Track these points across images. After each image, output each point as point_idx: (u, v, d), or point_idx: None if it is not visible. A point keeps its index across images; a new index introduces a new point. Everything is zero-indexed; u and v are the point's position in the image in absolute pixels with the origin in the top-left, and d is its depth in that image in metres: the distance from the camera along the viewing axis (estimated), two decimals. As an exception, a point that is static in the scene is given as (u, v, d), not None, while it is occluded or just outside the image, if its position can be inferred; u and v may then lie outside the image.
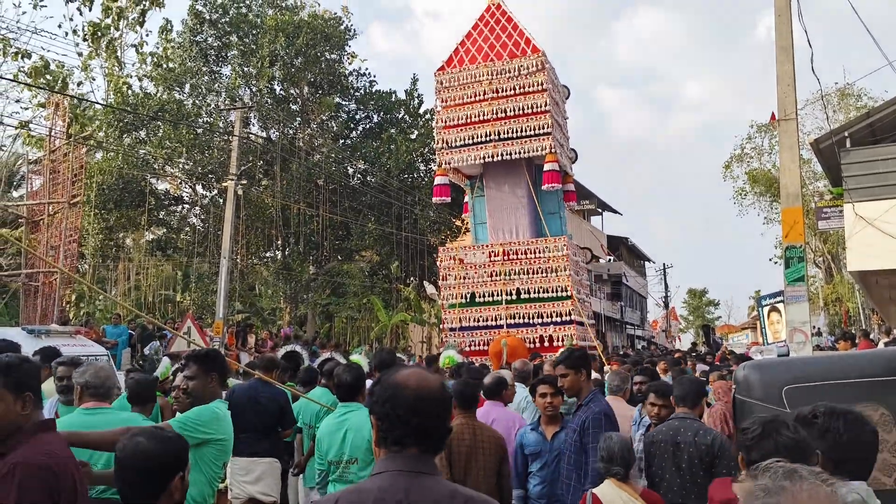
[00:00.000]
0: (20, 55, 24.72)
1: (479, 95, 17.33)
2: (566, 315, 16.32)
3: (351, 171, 27.62)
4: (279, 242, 26.27)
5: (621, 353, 20.73)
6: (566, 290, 16.48)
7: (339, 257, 27.53)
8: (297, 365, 8.32)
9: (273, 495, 6.15)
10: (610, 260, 40.75)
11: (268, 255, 28.32)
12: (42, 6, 25.58)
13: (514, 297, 16.80)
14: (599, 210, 40.73)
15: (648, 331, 48.58)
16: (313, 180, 24.99)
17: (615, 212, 42.08)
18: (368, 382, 4.88)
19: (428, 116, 27.69)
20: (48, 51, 39.06)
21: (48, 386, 5.07)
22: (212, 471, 3.46)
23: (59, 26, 52.63)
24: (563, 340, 16.12)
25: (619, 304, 40.09)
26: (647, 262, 52.87)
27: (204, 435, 3.41)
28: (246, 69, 24.59)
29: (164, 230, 27.33)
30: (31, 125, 24.75)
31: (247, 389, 6.40)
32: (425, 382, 1.88)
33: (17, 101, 28.31)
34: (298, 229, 24.32)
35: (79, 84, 27.27)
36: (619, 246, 42.81)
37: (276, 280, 27.32)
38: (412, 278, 27.80)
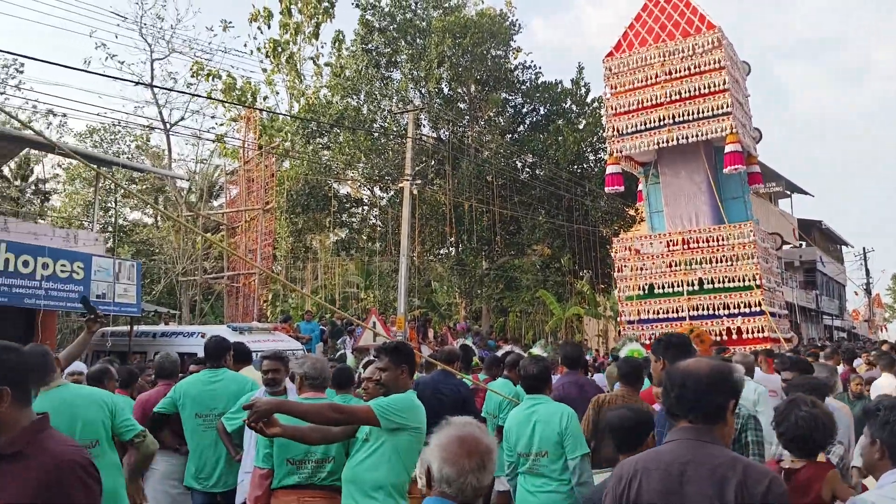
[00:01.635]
0: (212, 76, 27.12)
1: (651, 79, 16.69)
2: (755, 305, 15.34)
3: (520, 165, 27.67)
4: (452, 239, 26.85)
5: (818, 344, 19.15)
6: (754, 279, 15.49)
7: (511, 252, 27.67)
8: (468, 358, 8.48)
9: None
10: (802, 246, 37.84)
11: (442, 251, 29.04)
12: (230, 27, 27.76)
13: (696, 287, 16.03)
14: (788, 192, 37.92)
15: (848, 321, 44.59)
16: (483, 177, 25.29)
17: (805, 193, 38.96)
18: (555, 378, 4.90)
19: (596, 105, 27.15)
20: (236, 68, 42.38)
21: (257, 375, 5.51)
22: (409, 458, 3.58)
23: (245, 45, 57.09)
24: (752, 332, 15.17)
25: (814, 293, 37.14)
26: (844, 247, 48.55)
27: (401, 421, 3.54)
28: (415, 72, 25.35)
29: (347, 231, 28.83)
30: (225, 139, 27.09)
31: (430, 381, 6.57)
32: (694, 364, 2.31)
33: (213, 118, 31.05)
34: (471, 225, 24.73)
35: (265, 98, 29.43)
36: (811, 230, 39.61)
37: (450, 276, 27.96)
38: (585, 271, 27.38)
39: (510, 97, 27.82)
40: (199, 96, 26.46)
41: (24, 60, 28.44)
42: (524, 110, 28.36)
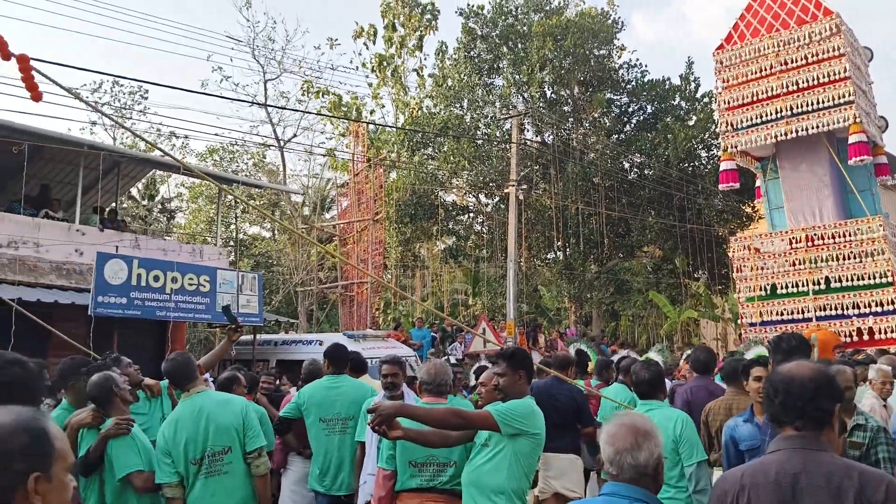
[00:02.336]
0: (321, 93, 28.10)
1: (766, 70, 15.96)
2: (888, 304, 14.35)
3: (627, 165, 27.10)
4: (559, 243, 26.60)
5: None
6: (887, 276, 14.50)
7: (621, 254, 27.11)
8: (584, 362, 8.39)
9: (577, 491, 6.22)
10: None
11: (549, 256, 28.82)
12: (337, 44, 28.68)
13: (822, 286, 15.16)
14: (920, 183, 35.30)
15: None
16: (590, 179, 24.93)
17: (941, 183, 36.14)
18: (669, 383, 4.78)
19: (706, 100, 26.26)
20: (343, 84, 43.67)
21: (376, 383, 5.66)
22: (528, 464, 3.59)
23: (351, 61, 58.85)
24: (885, 332, 14.20)
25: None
26: None
27: (521, 426, 3.56)
28: (517, 77, 25.33)
29: (454, 239, 29.11)
30: (335, 153, 27.97)
31: (543, 387, 6.55)
32: (796, 368, 2.19)
33: (322, 133, 32.15)
34: (578, 229, 24.43)
35: (371, 112, 30.18)
36: (948, 222, 36.67)
37: (558, 280, 27.70)
38: (700, 272, 26.47)
39: (615, 97, 27.32)
40: (310, 113, 27.51)
41: (149, 87, 30.45)
42: (630, 109, 27.78)
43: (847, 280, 14.91)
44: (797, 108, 15.43)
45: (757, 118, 16.00)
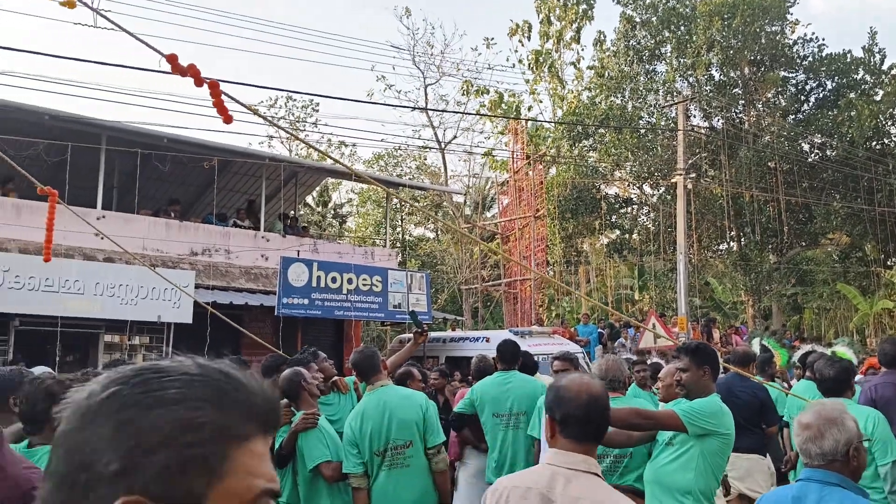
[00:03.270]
0: (480, 92, 28.43)
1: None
2: None
3: (806, 147, 25.21)
4: (732, 233, 25.22)
5: None
6: None
7: (803, 243, 25.25)
8: (768, 359, 7.95)
9: (763, 493, 5.89)
10: None
11: (721, 247, 27.44)
12: (493, 44, 28.89)
13: None
14: None
15: None
16: (764, 163, 23.42)
17: None
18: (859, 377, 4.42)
19: (895, 72, 23.90)
20: (500, 83, 43.95)
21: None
22: (716, 463, 3.45)
23: (507, 59, 59.08)
24: None
25: None
26: None
27: (709, 426, 3.43)
28: (681, 61, 24.31)
29: (618, 232, 28.43)
30: (494, 152, 28.21)
31: (723, 384, 6.24)
32: None
33: (481, 133, 32.54)
34: (753, 217, 23.03)
35: (529, 108, 30.13)
36: None
37: (732, 272, 26.28)
38: (894, 259, 24.11)
39: (790, 75, 25.50)
40: (469, 114, 27.96)
41: (320, 100, 32.24)
42: (808, 87, 25.81)
43: None
44: None
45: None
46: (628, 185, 27.48)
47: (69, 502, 0.75)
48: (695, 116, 25.57)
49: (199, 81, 4.29)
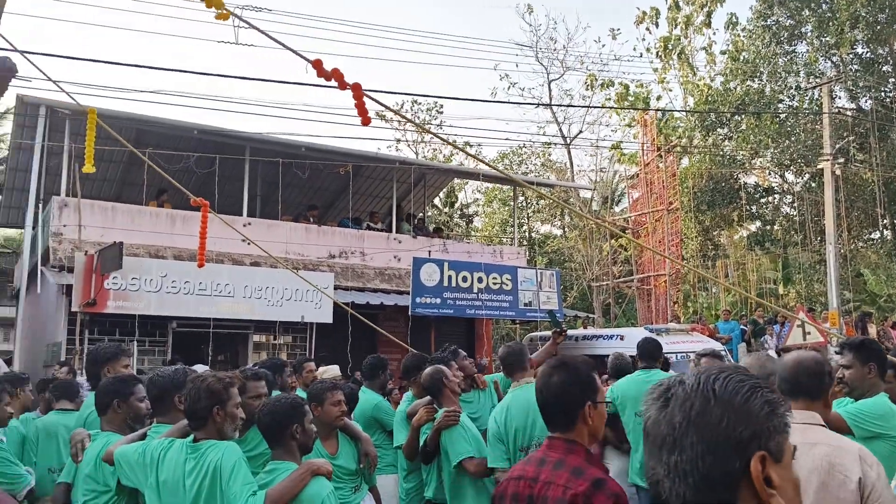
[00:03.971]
0: (605, 85, 27.83)
1: None
2: None
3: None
4: (885, 221, 23.35)
5: None
6: None
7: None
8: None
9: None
10: None
11: (873, 235, 25.49)
12: (618, 33, 28.17)
13: None
14: None
15: None
16: (921, 143, 21.55)
17: None
18: None
19: None
20: (627, 74, 42.85)
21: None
22: (886, 468, 3.19)
23: (634, 49, 57.54)
24: None
25: None
26: None
27: (878, 429, 3.19)
28: (823, 40, 22.76)
29: (759, 223, 27.02)
30: (622, 144, 27.54)
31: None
32: None
33: (607, 126, 31.88)
34: (909, 203, 21.23)
35: (658, 98, 29.19)
36: None
37: (887, 262, 24.33)
38: None
39: (950, 46, 23.30)
40: (594, 107, 27.45)
41: (444, 101, 32.68)
42: (967, 59, 23.51)
43: None
44: None
45: None
46: (769, 174, 26.03)
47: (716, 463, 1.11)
48: (840, 98, 23.88)
49: (342, 85, 4.45)
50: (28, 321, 13.33)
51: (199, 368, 4.72)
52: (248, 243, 11.79)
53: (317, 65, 4.29)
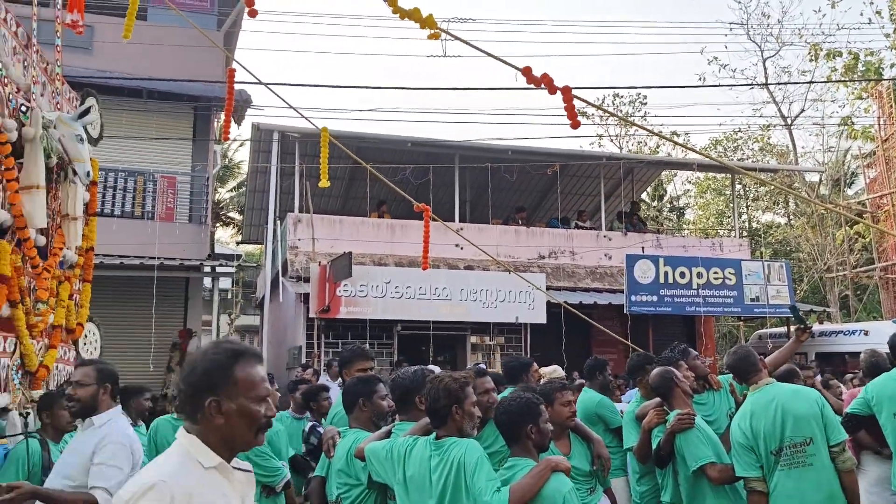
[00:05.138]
0: (831, 56, 25.33)
1: None
2: None
3: None
4: None
5: None
6: None
7: None
8: None
9: None
10: None
11: None
12: (838, 2, 25.54)
13: None
14: None
15: None
16: None
17: None
18: None
19: None
20: (852, 43, 38.81)
21: None
22: None
23: (861, 14, 52.00)
24: None
25: None
26: None
27: None
28: None
29: None
30: (852, 120, 24.92)
31: None
32: None
33: (833, 102, 28.93)
34: None
35: (891, 66, 26.11)
36: None
37: None
38: None
39: None
40: (818, 82, 25.13)
41: (647, 92, 31.61)
42: None
43: None
44: None
45: None
46: None
47: None
48: None
49: (552, 89, 4.47)
50: (271, 327, 14.74)
51: (435, 370, 4.93)
52: (461, 248, 12.22)
53: (526, 72, 4.35)
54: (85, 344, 5.37)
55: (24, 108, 4.35)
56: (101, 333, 5.63)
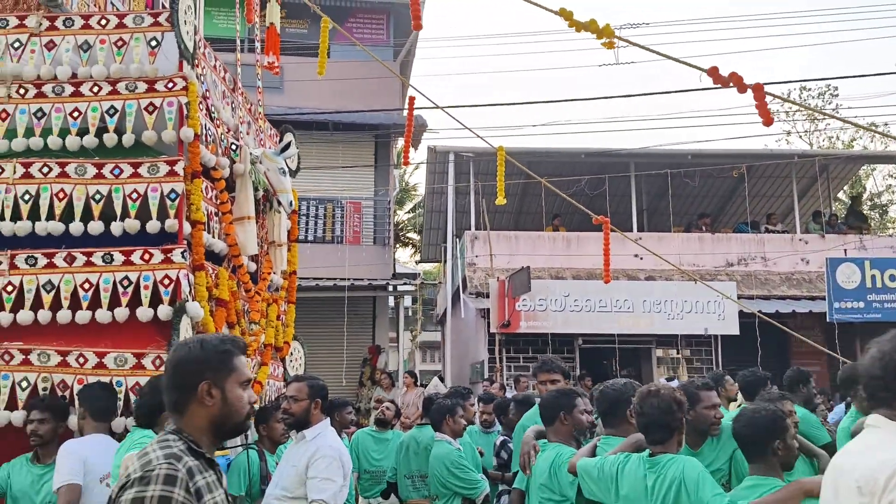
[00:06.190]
0: None
1: None
2: None
3: None
4: None
5: None
6: None
7: None
8: None
9: None
10: None
11: None
12: None
13: None
14: None
15: None
16: None
17: None
18: None
19: None
20: None
21: None
22: None
23: None
24: None
25: None
26: None
27: None
28: None
29: None
30: None
31: None
32: None
33: None
34: None
35: None
36: None
37: None
38: None
39: None
40: None
41: (838, 83, 29.15)
42: None
43: None
44: None
45: None
46: None
47: None
48: None
49: (741, 88, 4.26)
50: (453, 343, 15.07)
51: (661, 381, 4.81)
52: (641, 258, 11.87)
53: (712, 72, 4.17)
54: (291, 361, 5.78)
55: (234, 147, 4.80)
56: (304, 351, 6.04)
